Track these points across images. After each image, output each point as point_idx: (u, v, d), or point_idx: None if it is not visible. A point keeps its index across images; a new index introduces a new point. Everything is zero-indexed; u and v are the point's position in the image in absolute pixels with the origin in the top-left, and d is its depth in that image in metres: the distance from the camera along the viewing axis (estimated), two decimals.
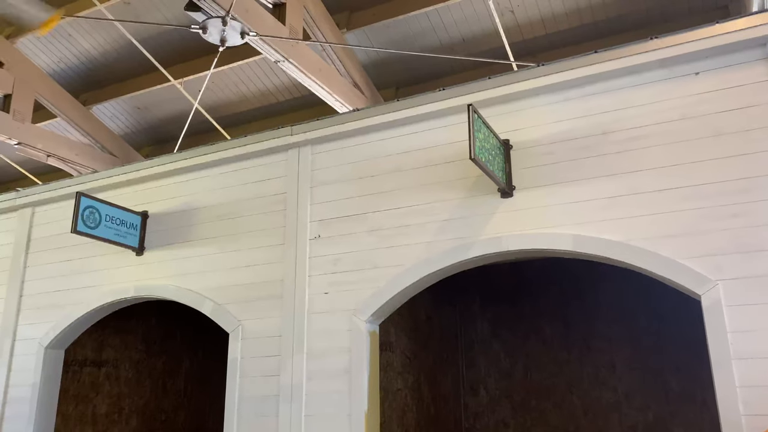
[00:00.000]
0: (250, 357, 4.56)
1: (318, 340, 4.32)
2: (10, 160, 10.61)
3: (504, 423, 6.13)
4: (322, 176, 4.70)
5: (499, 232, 3.93)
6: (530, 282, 6.36)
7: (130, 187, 5.65)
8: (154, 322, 7.06)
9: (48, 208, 6.07)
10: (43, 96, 8.67)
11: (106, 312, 5.66)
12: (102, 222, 5.07)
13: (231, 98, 9.14)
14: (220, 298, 4.83)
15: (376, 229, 4.34)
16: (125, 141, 10.11)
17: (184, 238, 5.19)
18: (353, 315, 4.24)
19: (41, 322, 5.67)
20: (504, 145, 3.99)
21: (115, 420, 6.43)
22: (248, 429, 4.41)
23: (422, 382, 5.48)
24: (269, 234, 4.81)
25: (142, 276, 5.28)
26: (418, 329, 5.50)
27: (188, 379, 7.37)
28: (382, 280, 4.21)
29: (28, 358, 5.61)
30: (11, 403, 5.56)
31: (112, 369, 6.46)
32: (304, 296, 4.47)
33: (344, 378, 4.15)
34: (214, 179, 5.23)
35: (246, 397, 4.49)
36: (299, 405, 4.23)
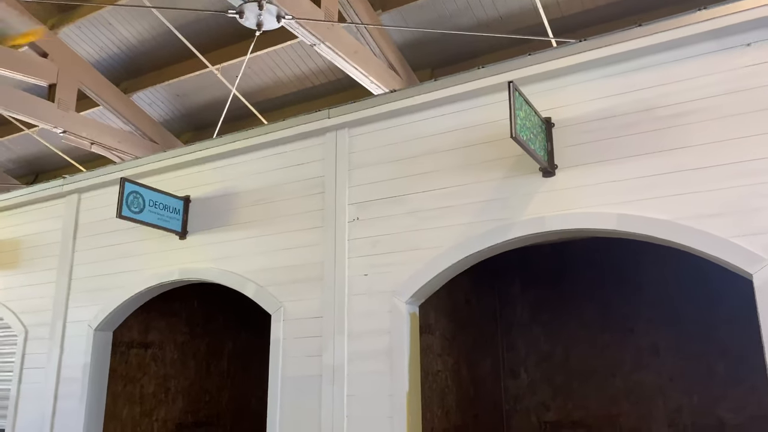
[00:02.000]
0: (292, 338, 4.63)
1: (358, 322, 4.35)
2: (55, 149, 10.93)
3: (544, 405, 6.09)
4: (360, 159, 4.70)
5: (541, 212, 3.87)
6: (571, 264, 6.27)
7: (172, 173, 5.74)
8: (197, 305, 7.21)
9: (94, 194, 6.23)
10: (85, 85, 8.88)
11: (151, 295, 5.81)
12: (146, 207, 5.18)
13: (267, 83, 9.21)
14: (262, 281, 4.90)
15: (414, 211, 4.32)
16: (165, 128, 10.30)
17: (226, 222, 5.26)
18: (393, 296, 4.25)
19: (90, 305, 5.85)
20: (545, 123, 3.91)
21: (161, 400, 6.61)
22: (291, 408, 4.49)
23: (461, 364, 5.47)
24: (308, 217, 4.84)
25: (186, 259, 5.38)
26: (457, 311, 5.49)
27: (231, 360, 7.52)
28: (421, 262, 4.20)
29: (79, 340, 5.80)
30: (64, 382, 5.77)
31: (157, 350, 6.64)
32: (344, 278, 4.50)
33: (385, 359, 4.17)
34: (254, 164, 5.28)
35: (289, 377, 4.56)
36: (341, 385, 4.28)
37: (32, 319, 6.23)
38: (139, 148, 9.61)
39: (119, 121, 9.75)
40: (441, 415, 4.82)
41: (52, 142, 10.81)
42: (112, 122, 9.90)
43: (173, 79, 9.27)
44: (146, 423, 6.38)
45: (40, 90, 9.08)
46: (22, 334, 6.24)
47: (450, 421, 4.99)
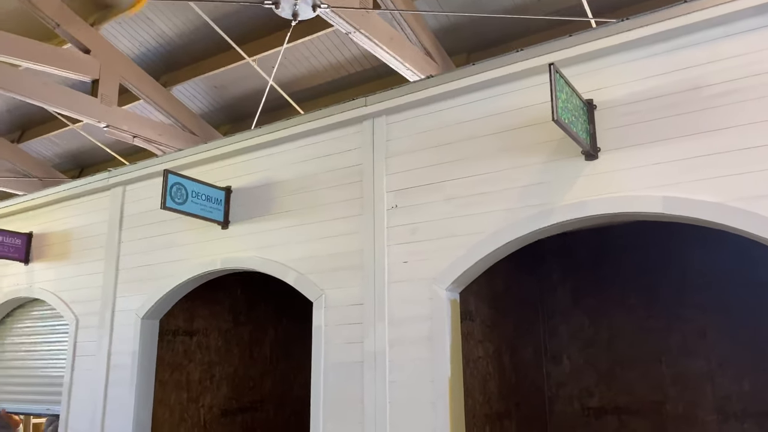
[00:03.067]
0: (333, 325, 4.67)
1: (399, 308, 4.37)
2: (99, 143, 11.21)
3: (588, 392, 6.03)
4: (397, 146, 4.69)
5: (583, 197, 3.81)
6: (614, 248, 6.16)
7: (213, 164, 5.84)
8: (240, 294, 7.34)
9: (138, 186, 6.38)
10: (127, 80, 9.06)
11: (195, 284, 5.94)
12: (189, 198, 5.28)
13: (303, 73, 9.25)
14: (302, 269, 4.96)
15: (453, 198, 4.30)
16: (204, 120, 10.45)
17: (266, 211, 5.33)
18: (433, 283, 4.25)
19: (137, 294, 6.01)
20: (587, 105, 3.84)
21: (207, 386, 6.77)
22: (334, 394, 4.54)
23: (503, 350, 5.44)
24: (347, 205, 4.86)
25: (228, 249, 5.48)
26: (497, 298, 5.46)
27: (273, 347, 7.65)
28: (461, 249, 4.19)
29: (127, 328, 5.97)
30: (114, 369, 5.95)
31: (202, 338, 6.79)
32: (384, 265, 4.51)
33: (426, 345, 4.18)
34: (292, 153, 5.33)
35: (331, 363, 4.62)
36: (383, 371, 4.31)
37: (82, 308, 6.44)
38: (179, 140, 9.78)
39: (159, 114, 9.93)
40: (483, 401, 4.81)
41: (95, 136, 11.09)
42: (153, 115, 10.10)
43: (211, 71, 9.39)
44: (193, 409, 6.55)
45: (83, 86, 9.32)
46: (74, 323, 6.45)
47: (492, 407, 4.98)
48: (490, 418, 4.91)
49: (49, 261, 6.93)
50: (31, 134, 12.07)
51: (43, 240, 7.09)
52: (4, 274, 7.28)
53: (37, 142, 12.18)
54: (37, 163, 12.49)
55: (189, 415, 6.49)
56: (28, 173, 12.09)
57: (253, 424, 7.19)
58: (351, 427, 4.40)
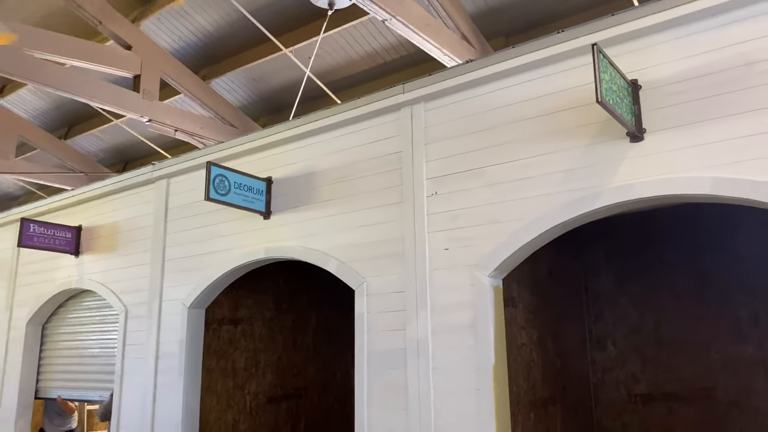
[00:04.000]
0: (376, 312, 4.70)
1: (441, 295, 4.36)
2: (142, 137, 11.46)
3: (634, 378, 5.92)
4: (436, 133, 4.67)
5: (629, 179, 3.72)
6: (660, 232, 6.01)
7: (253, 155, 5.91)
8: (282, 283, 7.44)
9: (181, 179, 6.51)
10: (167, 74, 9.23)
11: (239, 273, 6.04)
12: (231, 189, 5.36)
13: (340, 62, 9.26)
14: (344, 257, 4.99)
15: (494, 183, 4.26)
16: (243, 112, 10.58)
17: (307, 200, 5.37)
18: (475, 270, 4.22)
19: (183, 284, 6.15)
20: (632, 86, 3.74)
21: (252, 373, 6.90)
22: (378, 381, 4.58)
23: (546, 337, 5.39)
24: (386, 193, 4.86)
25: (271, 238, 5.55)
26: (540, 284, 5.40)
27: (315, 335, 7.74)
28: (503, 235, 4.15)
29: (175, 318, 6.12)
30: (163, 358, 6.12)
31: (247, 326, 6.91)
32: (425, 253, 4.51)
33: (470, 332, 4.17)
34: (331, 143, 5.35)
35: (374, 351, 4.65)
36: (426, 358, 4.32)
37: (131, 298, 6.63)
38: (219, 133, 9.94)
39: (200, 107, 10.10)
40: (527, 388, 4.78)
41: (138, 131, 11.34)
42: (193, 109, 10.27)
43: (249, 63, 9.48)
44: (239, 396, 6.69)
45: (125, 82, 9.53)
46: (123, 313, 6.65)
47: (536, 393, 4.94)
48: (535, 404, 4.88)
49: (98, 253, 7.15)
50: (77, 130, 12.43)
51: (91, 233, 7.31)
52: (56, 266, 7.54)
53: (83, 138, 12.54)
54: (83, 158, 12.85)
55: (235, 402, 6.64)
56: (75, 168, 12.47)
57: (298, 410, 7.30)
58: (395, 414, 4.43)
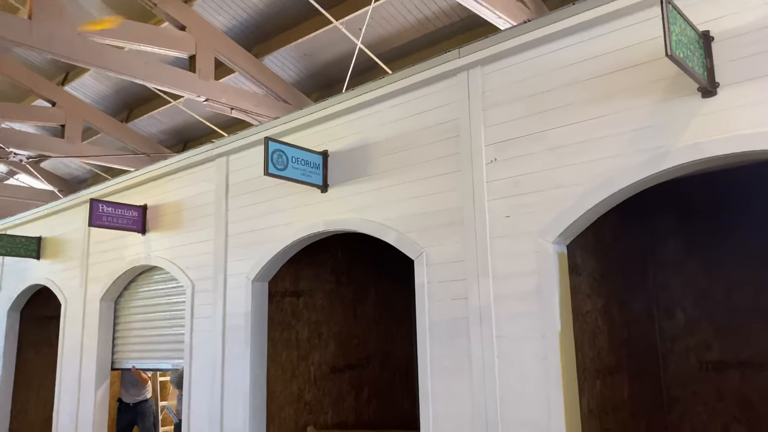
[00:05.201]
0: (436, 282, 4.69)
1: (503, 264, 4.30)
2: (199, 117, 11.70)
3: (706, 345, 5.73)
4: (495, 97, 4.55)
5: (701, 137, 3.54)
6: (730, 194, 5.73)
7: (309, 129, 5.94)
8: (340, 255, 7.52)
9: (240, 156, 6.61)
10: (221, 53, 9.36)
11: (299, 247, 6.13)
12: (289, 163, 5.42)
13: (391, 32, 9.15)
14: (402, 227, 4.98)
15: (556, 147, 4.13)
16: (296, 88, 10.63)
17: (363, 172, 5.37)
18: (538, 237, 4.14)
19: (246, 258, 6.29)
20: (703, 38, 3.53)
21: (315, 344, 7.04)
22: (441, 350, 4.58)
23: (612, 304, 5.26)
24: (444, 162, 4.80)
25: (329, 211, 5.59)
26: (604, 251, 5.25)
27: (375, 306, 7.81)
28: (568, 200, 4.04)
29: (239, 291, 6.28)
30: (230, 330, 6.31)
31: (308, 299, 7.04)
32: (485, 221, 4.45)
33: (534, 300, 4.11)
34: (386, 113, 5.31)
35: (436, 320, 4.65)
36: (489, 326, 4.29)
37: (197, 273, 6.83)
38: (274, 110, 10.04)
39: (253, 85, 10.21)
40: (593, 355, 4.69)
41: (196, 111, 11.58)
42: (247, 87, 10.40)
43: (300, 38, 9.50)
44: (303, 366, 6.85)
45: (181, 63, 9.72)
46: (190, 288, 6.87)
47: (602, 361, 4.85)
48: (601, 372, 4.79)
49: (163, 231, 7.38)
50: (137, 113, 12.81)
51: (156, 211, 7.55)
52: (126, 244, 7.85)
53: (143, 120, 12.91)
54: (145, 140, 13.25)
55: (300, 372, 6.80)
56: (138, 150, 12.87)
57: (361, 380, 7.42)
58: (459, 382, 4.43)
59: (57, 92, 11.87)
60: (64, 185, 15.96)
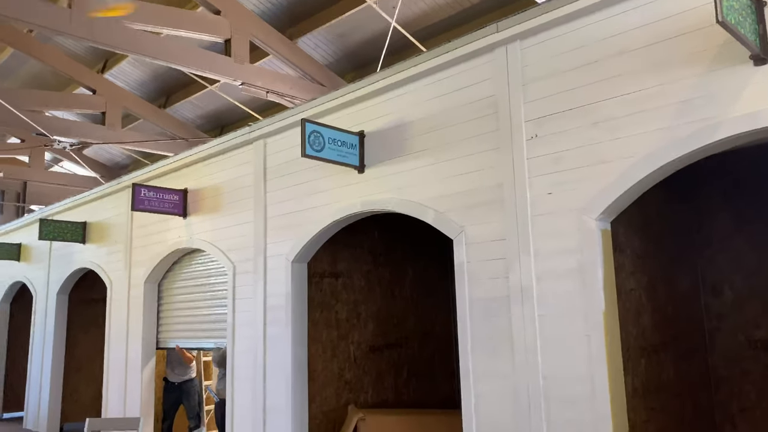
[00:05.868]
0: (476, 261, 4.65)
1: (545, 241, 4.24)
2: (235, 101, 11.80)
3: (754, 323, 5.57)
4: (534, 72, 4.46)
5: (753, 107, 3.40)
6: None
7: (344, 110, 5.92)
8: (377, 236, 7.53)
9: (277, 138, 6.65)
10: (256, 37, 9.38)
11: (337, 228, 6.15)
12: (326, 144, 5.42)
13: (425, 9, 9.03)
14: (440, 207, 4.95)
15: (600, 121, 4.03)
16: (330, 69, 10.61)
17: (400, 152, 5.34)
18: (581, 214, 4.06)
19: (285, 240, 6.35)
20: (756, 3, 3.38)
21: (354, 324, 7.09)
22: (481, 329, 4.56)
23: (656, 282, 5.15)
24: (482, 140, 4.74)
25: (366, 192, 5.59)
26: (648, 227, 5.13)
27: (413, 287, 7.82)
28: (612, 175, 3.94)
29: (279, 272, 6.36)
30: (271, 310, 6.40)
31: (347, 279, 7.08)
32: (526, 199, 4.38)
33: (577, 278, 4.04)
34: (422, 92, 5.26)
35: (476, 299, 4.62)
36: (531, 305, 4.24)
37: (237, 255, 6.93)
38: (308, 92, 10.05)
39: (288, 68, 10.23)
40: (637, 334, 4.61)
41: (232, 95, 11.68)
42: (282, 70, 10.42)
43: (333, 19, 9.45)
44: (343, 345, 6.92)
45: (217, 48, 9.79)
46: (231, 270, 6.98)
47: (647, 340, 4.76)
48: (646, 351, 4.70)
49: (204, 214, 7.50)
50: (174, 99, 12.98)
51: (196, 195, 7.67)
52: (168, 228, 8.00)
53: (181, 105, 13.09)
54: (182, 125, 13.44)
55: (340, 351, 6.87)
56: (176, 135, 13.07)
57: (400, 359, 7.46)
58: (500, 361, 4.41)
59: (97, 80, 12.11)
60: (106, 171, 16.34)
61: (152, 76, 12.41)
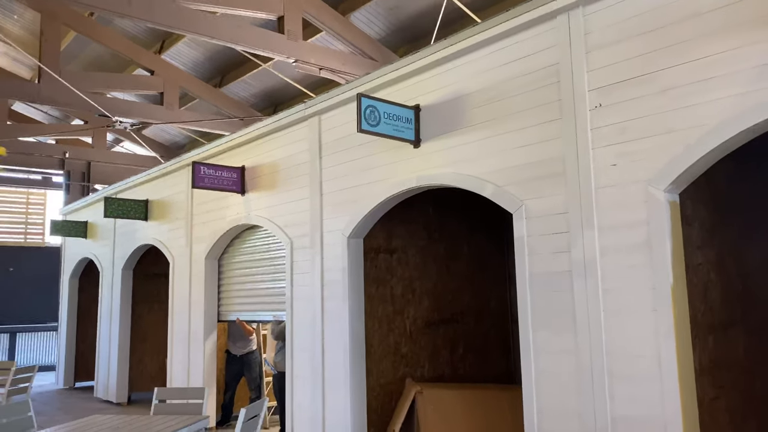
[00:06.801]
0: (537, 235, 4.57)
1: (609, 215, 4.13)
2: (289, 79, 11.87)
3: None
4: (598, 39, 4.30)
5: None
6: None
7: (399, 84, 5.87)
8: (432, 212, 7.50)
9: (331, 115, 6.67)
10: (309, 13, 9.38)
11: (393, 204, 6.15)
12: (381, 119, 5.40)
13: None
14: (499, 180, 4.87)
15: (669, 88, 3.86)
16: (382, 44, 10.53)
17: (457, 125, 5.27)
18: (648, 185, 3.92)
19: (341, 215, 6.40)
20: None
21: (409, 300, 7.12)
22: (542, 304, 4.50)
23: (725, 256, 4.94)
24: (543, 110, 4.62)
25: (422, 167, 5.56)
26: (717, 199, 4.92)
27: (468, 262, 7.77)
28: (681, 145, 3.78)
29: (336, 247, 6.42)
30: (328, 285, 6.48)
31: (402, 255, 7.10)
32: (589, 171, 4.26)
33: (643, 251, 3.92)
34: (480, 63, 5.15)
35: (536, 274, 4.55)
36: (594, 280, 4.15)
37: (294, 231, 7.03)
38: (361, 67, 10.01)
39: (340, 44, 10.21)
40: (704, 310, 4.45)
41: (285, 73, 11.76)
42: (334, 46, 10.41)
43: None
44: (399, 320, 6.96)
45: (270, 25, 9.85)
46: (288, 245, 7.09)
47: (715, 316, 4.60)
48: (714, 327, 4.54)
49: (261, 191, 7.63)
50: (229, 78, 13.16)
51: (254, 172, 7.80)
52: (227, 204, 8.18)
53: (235, 84, 13.26)
54: (237, 104, 13.64)
55: (396, 326, 6.92)
56: (231, 114, 13.28)
57: (455, 335, 7.47)
58: (562, 336, 4.35)
59: (155, 61, 12.39)
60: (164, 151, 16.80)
61: (207, 56, 12.60)
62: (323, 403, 6.40)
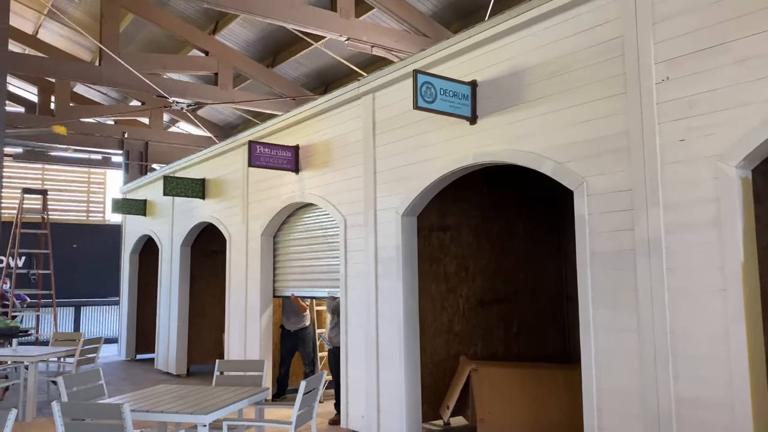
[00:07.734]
0: (598, 213, 4.48)
1: (676, 192, 4.00)
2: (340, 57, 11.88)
3: None
4: (666, 8, 4.13)
5: None
6: None
7: (455, 60, 5.80)
8: (486, 191, 7.43)
9: (385, 92, 6.65)
10: None
11: (447, 181, 6.12)
12: (437, 96, 5.35)
13: None
14: (560, 157, 4.78)
15: (743, 59, 3.69)
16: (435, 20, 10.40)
17: (515, 101, 5.18)
18: (719, 161, 3.78)
19: (395, 193, 6.41)
20: None
21: (462, 278, 7.11)
22: (604, 283, 4.42)
23: None
24: (606, 84, 4.50)
25: (478, 144, 5.50)
26: None
27: (523, 241, 7.69)
28: (755, 119, 3.62)
29: (390, 225, 6.44)
30: (382, 262, 6.53)
31: (455, 233, 7.08)
32: (655, 146, 4.13)
33: (712, 229, 3.79)
34: (539, 36, 5.04)
35: (598, 252, 4.47)
36: (659, 258, 4.04)
37: (348, 209, 7.09)
38: (413, 45, 9.93)
39: (392, 21, 10.13)
40: None
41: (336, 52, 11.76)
42: (386, 24, 10.34)
43: None
44: (452, 298, 6.97)
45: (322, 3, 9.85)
46: (342, 223, 7.16)
47: None
48: None
49: (315, 169, 7.70)
50: (281, 58, 13.26)
51: (307, 151, 7.87)
52: (282, 183, 8.31)
53: (287, 64, 13.35)
54: (289, 84, 13.75)
55: (449, 304, 6.93)
56: (284, 94, 13.40)
57: (509, 314, 7.43)
58: (624, 315, 4.27)
59: (209, 41, 12.58)
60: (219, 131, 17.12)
61: (259, 36, 12.72)
62: (377, 379, 6.48)
